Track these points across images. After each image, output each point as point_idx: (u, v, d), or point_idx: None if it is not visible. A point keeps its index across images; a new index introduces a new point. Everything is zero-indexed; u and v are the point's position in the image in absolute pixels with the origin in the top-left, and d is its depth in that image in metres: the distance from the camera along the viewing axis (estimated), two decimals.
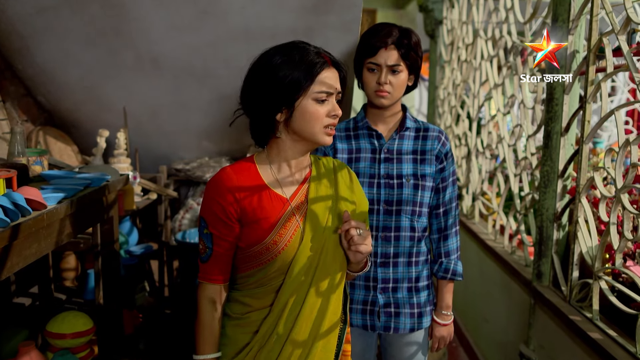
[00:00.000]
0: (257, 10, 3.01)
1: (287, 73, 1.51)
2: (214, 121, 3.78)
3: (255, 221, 1.56)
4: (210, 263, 1.59)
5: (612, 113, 2.19)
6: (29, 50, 3.22)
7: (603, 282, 2.23)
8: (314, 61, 1.52)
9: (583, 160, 2.37)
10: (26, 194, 1.75)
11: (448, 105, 4.77)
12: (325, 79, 1.53)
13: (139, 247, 3.67)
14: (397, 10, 6.77)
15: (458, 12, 4.52)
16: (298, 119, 1.55)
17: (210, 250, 1.58)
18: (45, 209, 1.81)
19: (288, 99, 1.53)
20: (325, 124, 1.55)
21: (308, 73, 1.51)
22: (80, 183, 2.15)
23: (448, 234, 2.17)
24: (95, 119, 3.67)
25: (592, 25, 2.30)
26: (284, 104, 1.53)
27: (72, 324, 2.39)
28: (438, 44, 5.08)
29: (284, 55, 1.54)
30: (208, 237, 1.58)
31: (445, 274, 2.13)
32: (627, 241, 2.11)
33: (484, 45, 3.84)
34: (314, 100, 1.53)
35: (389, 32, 2.03)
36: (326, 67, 1.54)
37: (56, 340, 2.36)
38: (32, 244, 1.76)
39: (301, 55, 1.52)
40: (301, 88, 1.51)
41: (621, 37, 2.12)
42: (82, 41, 3.20)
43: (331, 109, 1.56)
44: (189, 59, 3.33)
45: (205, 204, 1.58)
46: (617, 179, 2.14)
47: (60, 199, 1.94)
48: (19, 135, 2.29)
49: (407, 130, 2.14)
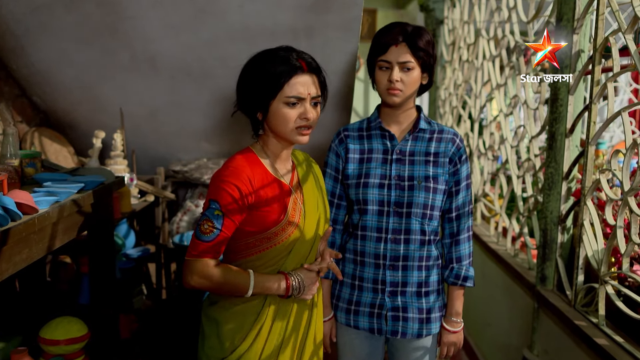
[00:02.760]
0: (256, 8, 2.97)
1: (258, 79, 1.71)
2: (212, 122, 3.75)
3: (267, 206, 1.74)
4: (213, 243, 1.68)
5: (619, 114, 2.15)
6: (24, 50, 3.19)
7: (609, 287, 2.19)
8: (283, 70, 1.69)
9: (589, 162, 2.33)
10: (17, 197, 1.71)
11: (449, 106, 4.74)
12: (296, 84, 1.70)
13: (136, 250, 3.63)
14: (398, 10, 6.76)
15: (459, 12, 4.49)
16: (272, 120, 1.74)
17: (218, 231, 1.68)
18: (37, 213, 1.77)
19: (261, 102, 1.73)
20: (296, 125, 1.73)
21: (277, 79, 1.69)
22: (74, 186, 2.10)
23: (460, 239, 2.12)
24: (92, 120, 3.64)
25: (598, 23, 2.26)
26: (258, 107, 1.74)
27: (66, 330, 2.34)
28: (439, 44, 5.05)
29: (259, 61, 1.73)
30: (218, 218, 1.68)
31: (456, 280, 2.09)
32: (634, 245, 2.07)
33: (486, 45, 3.80)
34: (284, 104, 1.71)
35: (400, 29, 1.99)
36: (299, 72, 1.71)
37: (50, 346, 2.31)
38: (22, 250, 1.71)
39: (273, 61, 1.70)
40: (270, 93, 1.70)
41: (628, 36, 2.08)
42: (77, 40, 3.16)
43: (302, 112, 1.72)
44: (187, 59, 3.30)
45: (220, 188, 1.69)
46: (624, 181, 2.10)
47: (53, 202, 1.90)
48: (12, 137, 2.24)
49: (421, 131, 2.10)
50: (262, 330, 1.79)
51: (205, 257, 1.69)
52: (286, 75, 1.69)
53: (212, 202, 1.69)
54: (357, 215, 2.13)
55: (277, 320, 1.81)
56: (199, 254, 1.68)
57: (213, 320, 1.81)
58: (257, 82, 1.71)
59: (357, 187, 2.10)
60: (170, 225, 3.98)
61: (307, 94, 1.71)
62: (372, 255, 2.11)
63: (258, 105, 1.74)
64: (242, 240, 1.77)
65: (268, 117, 1.74)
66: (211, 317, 1.82)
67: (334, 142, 2.19)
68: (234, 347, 1.77)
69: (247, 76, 1.76)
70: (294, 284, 1.77)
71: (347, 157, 2.14)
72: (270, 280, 1.75)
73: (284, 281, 1.76)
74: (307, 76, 1.72)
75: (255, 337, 1.78)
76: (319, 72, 1.78)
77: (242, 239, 1.77)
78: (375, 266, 2.11)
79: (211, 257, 1.70)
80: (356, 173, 2.12)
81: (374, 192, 2.08)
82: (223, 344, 1.78)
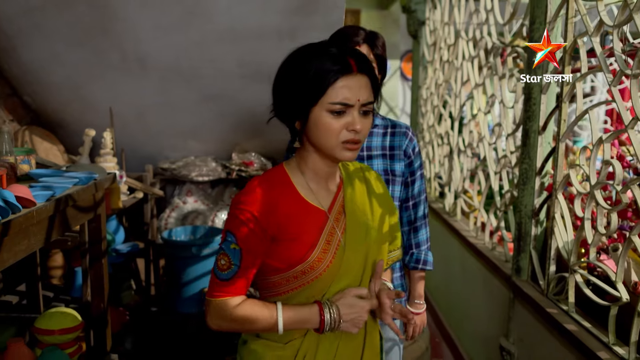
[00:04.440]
0: (243, 10, 3.06)
1: (296, 80, 1.38)
2: (200, 121, 3.84)
3: (294, 237, 1.43)
4: (233, 280, 1.42)
5: (587, 112, 2.27)
6: (15, 50, 3.26)
7: (578, 276, 2.30)
8: (327, 69, 1.34)
9: (559, 157, 2.44)
10: (16, 191, 1.78)
11: (431, 105, 4.84)
12: (342, 88, 1.35)
13: (126, 246, 3.71)
14: (381, 10, 6.86)
15: (440, 13, 4.59)
16: (312, 131, 1.40)
17: (236, 267, 1.41)
18: (35, 206, 1.85)
19: (299, 108, 1.39)
20: (342, 139, 1.38)
21: (318, 82, 1.35)
22: (69, 181, 2.18)
23: (418, 226, 2.22)
24: (81, 119, 3.71)
25: (568, 27, 2.37)
26: (296, 114, 1.41)
27: (60, 321, 2.42)
28: (421, 45, 5.15)
29: (297, 58, 1.40)
30: (236, 253, 1.41)
31: (417, 264, 2.18)
32: (600, 236, 2.18)
33: (465, 45, 3.91)
34: (328, 112, 1.36)
35: (356, 32, 2.10)
36: (347, 73, 1.35)
37: (44, 336, 2.39)
38: (22, 240, 1.79)
39: (315, 59, 1.36)
40: (310, 98, 1.36)
41: (595, 39, 2.19)
42: (69, 41, 3.24)
43: (350, 123, 1.37)
44: (175, 59, 3.38)
45: (235, 217, 1.41)
46: (591, 176, 2.21)
47: (49, 196, 1.97)
48: (7, 135, 2.31)
49: (376, 127, 2.20)
50: None
51: (224, 297, 1.43)
52: (331, 77, 1.34)
53: (228, 233, 1.42)
54: None
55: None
56: (219, 293, 1.43)
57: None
58: (294, 83, 1.38)
59: None
60: (159, 222, 4.07)
61: (356, 100, 1.36)
62: None
63: (296, 112, 1.41)
64: (267, 276, 1.49)
65: (307, 126, 1.40)
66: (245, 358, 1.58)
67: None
68: None
69: (283, 76, 1.42)
70: (327, 317, 1.43)
71: None
72: (302, 312, 1.44)
73: (317, 314, 1.44)
74: (357, 78, 1.36)
75: None
76: (372, 74, 1.41)
77: (267, 274, 1.48)
78: None
79: (231, 296, 1.43)
80: None
81: None
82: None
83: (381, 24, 6.79)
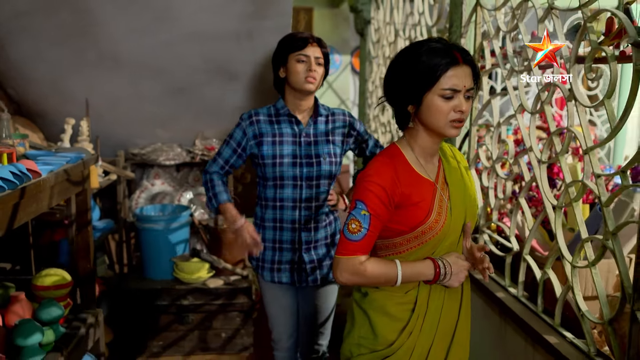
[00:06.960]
0: (205, 16, 3.35)
1: (413, 71, 1.64)
2: (167, 111, 4.04)
3: (413, 204, 1.70)
4: (362, 241, 1.68)
5: (489, 102, 2.73)
6: (3, 49, 3.47)
7: (486, 235, 2.77)
8: (440, 62, 1.61)
9: (472, 139, 2.91)
10: (26, 165, 2.12)
11: (376, 97, 5.13)
12: (452, 77, 1.62)
13: (102, 222, 3.96)
14: (332, 9, 7.09)
15: (383, 14, 4.86)
16: (425, 113, 1.67)
17: (365, 230, 1.67)
18: (41, 177, 2.20)
19: (414, 95, 1.66)
20: (450, 118, 1.66)
21: (433, 71, 1.61)
22: (62, 159, 2.52)
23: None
24: (60, 110, 3.85)
25: (476, 31, 2.83)
26: (410, 99, 1.68)
27: (54, 278, 2.72)
28: (367, 42, 5.39)
29: (413, 53, 1.66)
30: (366, 218, 1.66)
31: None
32: (500, 201, 2.66)
33: (403, 43, 4.21)
34: (439, 97, 1.64)
35: (309, 35, 2.47)
36: (455, 64, 1.63)
37: (42, 291, 2.68)
38: (32, 204, 2.15)
39: (429, 53, 1.62)
40: (425, 85, 1.63)
41: (495, 41, 2.61)
42: (52, 41, 3.42)
43: (457, 105, 1.64)
44: (146, 57, 3.60)
45: (365, 189, 1.68)
46: (492, 152, 2.67)
47: (49, 170, 2.31)
48: (5, 122, 2.66)
49: (320, 116, 2.55)
50: (413, 331, 1.78)
51: (355, 255, 1.68)
52: (443, 68, 1.61)
53: (359, 202, 1.68)
54: (273, 189, 2.51)
55: (428, 320, 1.79)
56: (349, 252, 1.68)
57: (365, 312, 1.83)
58: (412, 73, 1.64)
59: (274, 166, 2.46)
60: (130, 202, 4.32)
61: (462, 86, 1.64)
62: (289, 221, 2.52)
63: (411, 98, 1.68)
64: (390, 238, 1.76)
65: (421, 109, 1.68)
66: (363, 308, 1.84)
67: (244, 122, 2.50)
68: (387, 343, 1.78)
69: (400, 68, 1.69)
70: (442, 268, 1.71)
71: (261, 140, 2.46)
72: (417, 267, 1.72)
73: (431, 266, 1.72)
74: (462, 68, 1.64)
75: (408, 336, 1.78)
76: (474, 64, 1.69)
77: (390, 237, 1.76)
78: (292, 230, 2.52)
79: (360, 254, 1.69)
80: (270, 154, 2.46)
81: (288, 170, 2.46)
82: (376, 337, 1.79)
83: (333, 22, 7.02)
